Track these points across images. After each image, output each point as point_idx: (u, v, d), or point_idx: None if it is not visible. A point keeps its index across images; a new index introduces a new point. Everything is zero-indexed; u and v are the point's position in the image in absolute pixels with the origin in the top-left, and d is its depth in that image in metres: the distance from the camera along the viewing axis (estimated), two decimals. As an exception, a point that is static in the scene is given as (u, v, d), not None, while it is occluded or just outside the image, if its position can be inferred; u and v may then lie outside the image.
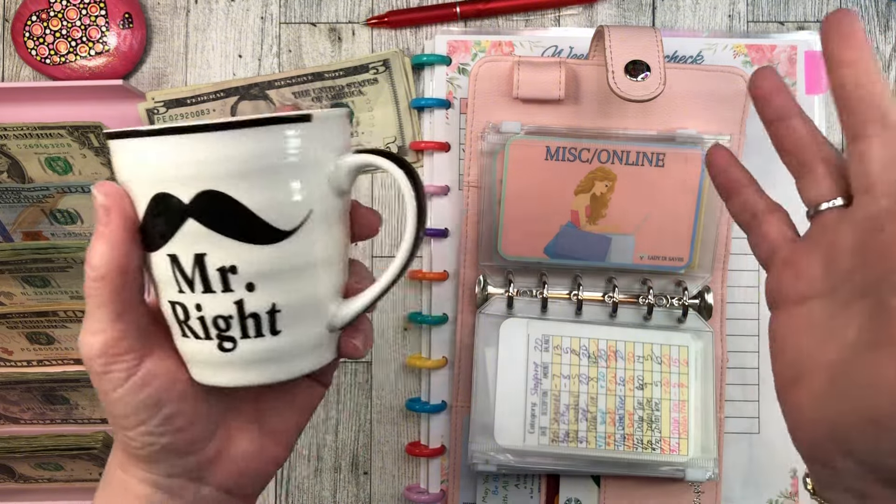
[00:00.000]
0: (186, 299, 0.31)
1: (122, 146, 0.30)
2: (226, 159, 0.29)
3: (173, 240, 0.30)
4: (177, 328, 0.32)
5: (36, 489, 0.59)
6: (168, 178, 0.29)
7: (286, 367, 0.32)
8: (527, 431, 0.55)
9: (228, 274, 0.30)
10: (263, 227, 0.30)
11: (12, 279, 0.57)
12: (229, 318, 0.31)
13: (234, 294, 0.30)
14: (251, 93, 0.60)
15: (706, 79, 0.56)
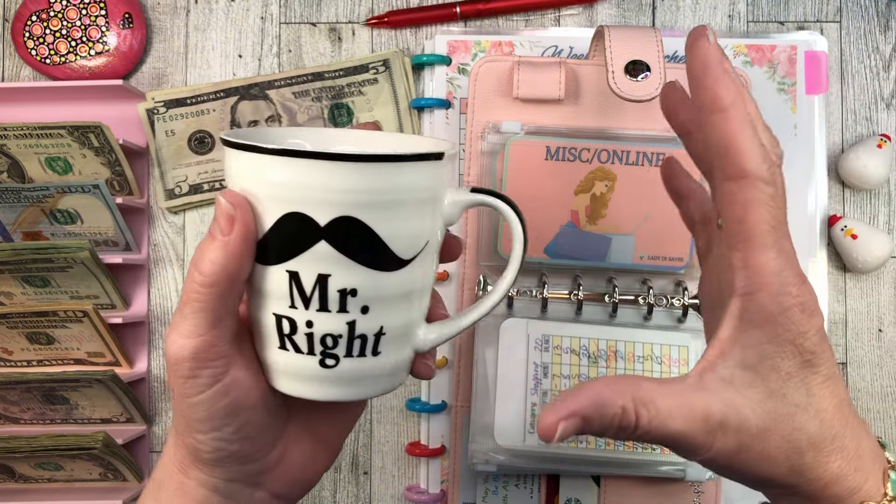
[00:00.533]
0: (297, 315, 0.31)
1: (256, 160, 0.30)
2: (368, 190, 0.30)
3: (299, 258, 0.30)
4: (274, 339, 0.33)
5: (36, 489, 0.59)
6: (307, 199, 0.30)
7: (374, 387, 0.34)
8: (527, 431, 0.55)
9: (348, 296, 0.31)
10: (388, 255, 0.31)
11: (12, 279, 0.57)
12: (338, 337, 0.32)
13: (348, 315, 0.31)
14: (251, 93, 0.60)
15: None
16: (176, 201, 0.60)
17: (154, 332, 0.61)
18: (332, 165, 0.29)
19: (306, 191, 0.30)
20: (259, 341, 0.34)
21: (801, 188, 0.58)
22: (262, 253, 0.31)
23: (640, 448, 0.55)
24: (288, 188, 0.30)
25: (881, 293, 0.59)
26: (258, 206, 0.31)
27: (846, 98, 0.60)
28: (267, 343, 0.33)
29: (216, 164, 0.60)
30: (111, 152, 0.56)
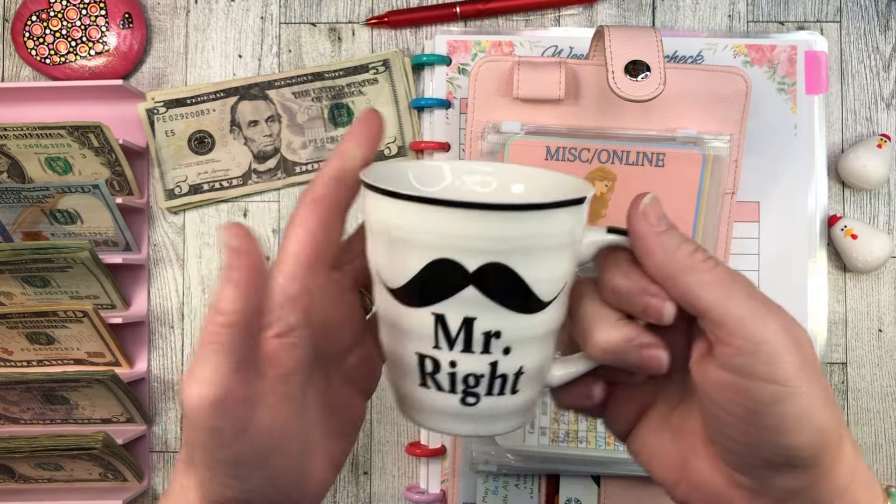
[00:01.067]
0: (441, 355, 0.32)
1: (404, 207, 0.30)
2: (519, 237, 0.30)
3: (446, 301, 0.31)
4: (416, 377, 0.33)
5: (36, 489, 0.59)
6: (457, 247, 0.30)
7: (510, 423, 0.35)
8: (527, 431, 0.55)
9: (492, 338, 0.31)
10: (532, 298, 0.31)
11: (12, 279, 0.57)
12: (480, 377, 0.32)
13: (490, 356, 0.32)
14: (251, 93, 0.60)
15: (706, 79, 0.56)
16: (176, 201, 0.60)
17: (154, 332, 0.61)
18: (485, 215, 0.29)
19: (458, 239, 0.30)
20: (397, 376, 0.34)
21: (801, 188, 0.58)
22: (405, 295, 0.32)
23: (640, 448, 0.55)
24: (439, 236, 0.30)
25: (881, 293, 0.59)
26: (401, 251, 0.31)
27: (846, 98, 0.60)
28: (407, 380, 0.34)
29: (216, 164, 0.60)
30: (111, 152, 0.56)
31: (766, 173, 0.58)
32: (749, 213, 0.58)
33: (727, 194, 0.55)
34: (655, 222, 0.31)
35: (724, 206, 0.55)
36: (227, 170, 0.60)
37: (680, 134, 0.55)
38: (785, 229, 0.58)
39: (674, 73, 0.56)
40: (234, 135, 0.60)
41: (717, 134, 0.56)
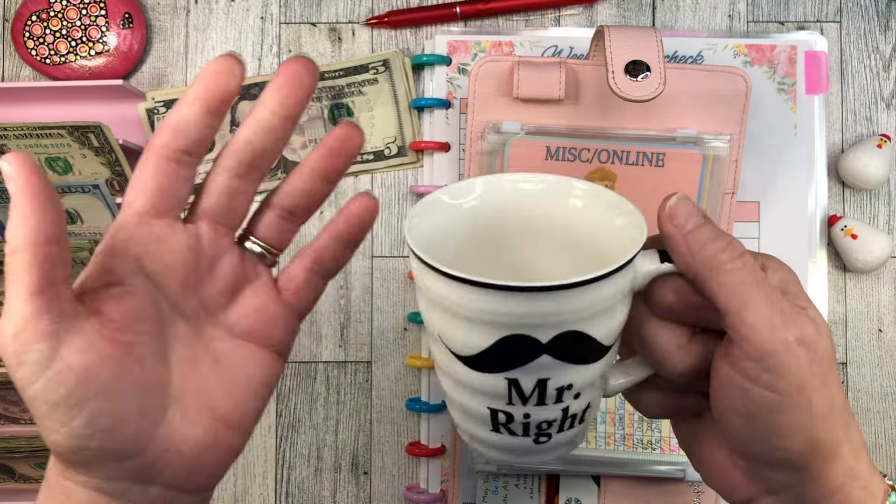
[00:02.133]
0: (515, 410, 0.33)
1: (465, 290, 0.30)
2: (588, 307, 0.30)
3: (520, 369, 0.31)
4: (487, 424, 0.34)
5: (36, 489, 0.59)
6: (529, 324, 0.30)
7: (574, 445, 0.36)
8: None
9: (564, 391, 0.32)
10: (599, 349, 0.32)
11: (12, 279, 0.57)
12: (553, 422, 0.33)
13: (563, 404, 0.33)
14: (251, 93, 0.60)
15: (706, 79, 0.56)
16: (176, 201, 0.60)
17: (154, 332, 0.61)
18: (555, 295, 0.29)
19: (529, 318, 0.30)
20: (466, 420, 0.35)
21: (801, 188, 0.58)
22: (477, 363, 0.32)
23: (640, 448, 0.55)
24: (509, 317, 0.30)
25: (881, 293, 0.59)
26: (469, 327, 0.31)
27: (846, 98, 0.60)
28: (478, 426, 0.34)
29: (216, 164, 0.60)
30: (111, 152, 0.57)
31: (766, 173, 0.58)
32: (749, 213, 0.58)
33: (727, 194, 0.55)
34: (683, 222, 0.31)
35: (724, 206, 0.55)
36: (227, 170, 0.60)
37: (680, 134, 0.55)
38: (785, 229, 0.58)
39: (674, 73, 0.56)
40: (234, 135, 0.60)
41: (717, 134, 0.56)
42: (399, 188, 0.60)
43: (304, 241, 0.37)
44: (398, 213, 0.60)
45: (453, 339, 0.32)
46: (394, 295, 0.60)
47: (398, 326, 0.60)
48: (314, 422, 0.60)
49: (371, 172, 0.61)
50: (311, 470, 0.60)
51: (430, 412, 0.58)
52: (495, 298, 0.29)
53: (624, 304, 0.32)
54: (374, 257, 0.60)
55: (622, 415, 0.55)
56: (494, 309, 0.30)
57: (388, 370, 0.60)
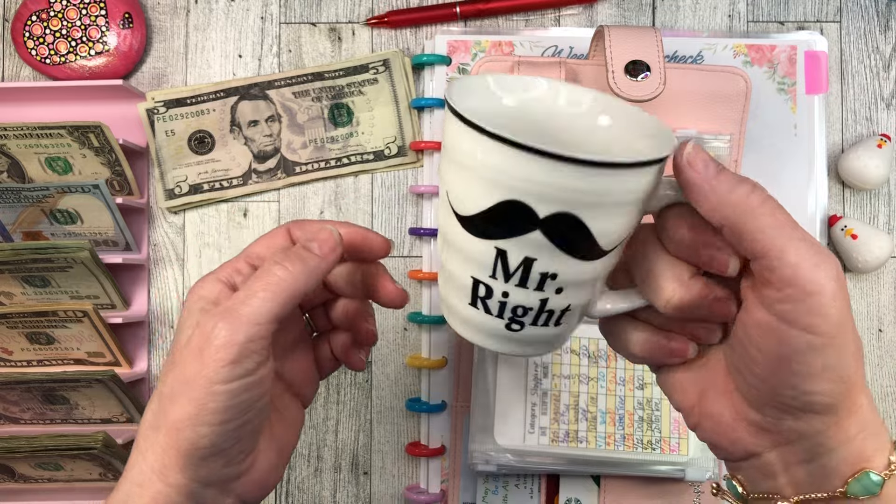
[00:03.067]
0: (496, 285, 0.33)
1: (486, 143, 0.30)
2: (596, 192, 0.30)
3: (511, 240, 0.31)
4: (466, 296, 0.34)
5: (36, 489, 0.59)
6: (532, 192, 0.30)
7: (546, 348, 0.36)
8: (527, 431, 0.55)
9: (548, 278, 0.32)
10: (594, 247, 0.31)
11: (12, 279, 0.57)
12: (528, 310, 0.33)
13: (542, 293, 0.32)
14: (251, 93, 0.60)
15: (706, 79, 0.56)
16: (176, 201, 0.60)
17: (154, 332, 0.61)
18: (569, 167, 0.29)
19: (535, 185, 0.30)
20: (449, 289, 0.35)
21: (801, 188, 0.58)
22: (472, 225, 0.32)
23: (640, 448, 0.55)
24: (516, 179, 0.30)
25: (881, 293, 0.59)
26: (476, 183, 0.31)
27: (846, 98, 0.60)
28: (458, 296, 0.35)
29: (216, 164, 0.60)
30: (111, 152, 0.56)
31: (766, 173, 0.58)
32: (749, 213, 0.58)
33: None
34: (702, 168, 0.31)
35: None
36: (227, 170, 0.60)
37: (680, 134, 0.55)
38: (785, 229, 0.58)
39: (674, 73, 0.56)
40: (234, 135, 0.60)
41: (717, 134, 0.56)
42: (399, 188, 0.60)
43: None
44: (398, 213, 0.60)
45: (459, 196, 0.32)
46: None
47: (398, 326, 0.60)
48: (314, 422, 0.60)
49: (371, 172, 0.61)
50: (311, 470, 0.60)
51: (430, 412, 0.58)
52: (507, 155, 0.29)
53: (631, 212, 0.31)
54: (374, 257, 0.60)
55: (622, 415, 0.55)
56: (504, 167, 0.30)
57: (388, 370, 0.60)
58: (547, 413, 0.55)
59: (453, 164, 0.33)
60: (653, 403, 0.55)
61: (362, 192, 0.61)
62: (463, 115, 0.31)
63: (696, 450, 0.55)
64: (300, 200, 0.61)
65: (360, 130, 0.60)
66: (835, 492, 0.30)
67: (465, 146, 0.31)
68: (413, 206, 0.60)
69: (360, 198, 0.61)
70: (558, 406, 0.55)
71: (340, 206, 0.60)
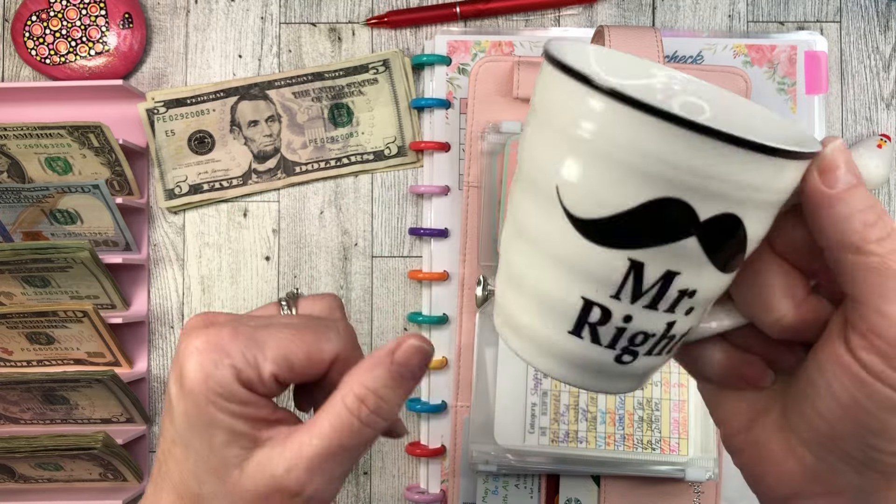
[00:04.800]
0: (617, 307, 0.26)
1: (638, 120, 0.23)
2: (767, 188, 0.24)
3: (654, 249, 0.25)
4: (568, 325, 0.27)
5: (36, 489, 0.59)
6: (694, 186, 0.24)
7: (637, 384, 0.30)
8: (527, 431, 0.55)
9: (685, 297, 0.26)
10: (738, 255, 0.26)
11: (12, 279, 0.57)
12: (650, 337, 0.27)
13: (672, 315, 0.26)
14: (251, 93, 0.60)
15: (706, 79, 0.56)
16: (176, 201, 0.60)
17: (154, 332, 0.61)
18: (739, 152, 0.23)
19: (698, 177, 0.23)
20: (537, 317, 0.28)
21: (801, 188, 0.58)
22: (600, 231, 0.25)
23: (640, 448, 0.55)
24: (682, 170, 0.23)
25: (881, 293, 0.59)
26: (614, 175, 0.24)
27: (846, 98, 0.60)
28: (553, 323, 0.27)
29: (216, 164, 0.60)
30: (111, 152, 0.56)
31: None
32: (749, 213, 0.58)
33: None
34: (832, 181, 0.25)
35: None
36: (227, 170, 0.60)
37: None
38: (785, 229, 0.58)
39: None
40: (234, 135, 0.60)
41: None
42: (399, 188, 0.60)
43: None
44: (398, 213, 0.60)
45: (584, 192, 0.25)
46: (394, 295, 0.60)
47: (398, 326, 0.60)
48: (314, 422, 0.60)
49: (371, 172, 0.61)
50: (311, 470, 0.60)
51: (430, 412, 0.58)
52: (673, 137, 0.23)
53: (775, 214, 0.26)
54: (374, 257, 0.60)
55: (622, 415, 0.55)
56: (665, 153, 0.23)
57: (388, 370, 0.60)
58: (547, 413, 0.55)
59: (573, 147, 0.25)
60: (653, 403, 0.55)
61: (362, 192, 0.61)
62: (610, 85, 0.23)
63: (696, 450, 0.55)
64: (300, 200, 0.61)
65: (360, 130, 0.60)
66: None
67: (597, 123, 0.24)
68: (413, 206, 0.60)
69: (360, 198, 0.61)
70: (558, 406, 0.55)
71: (340, 206, 0.60)
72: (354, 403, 0.30)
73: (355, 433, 0.30)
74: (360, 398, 0.30)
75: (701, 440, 0.55)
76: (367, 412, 0.30)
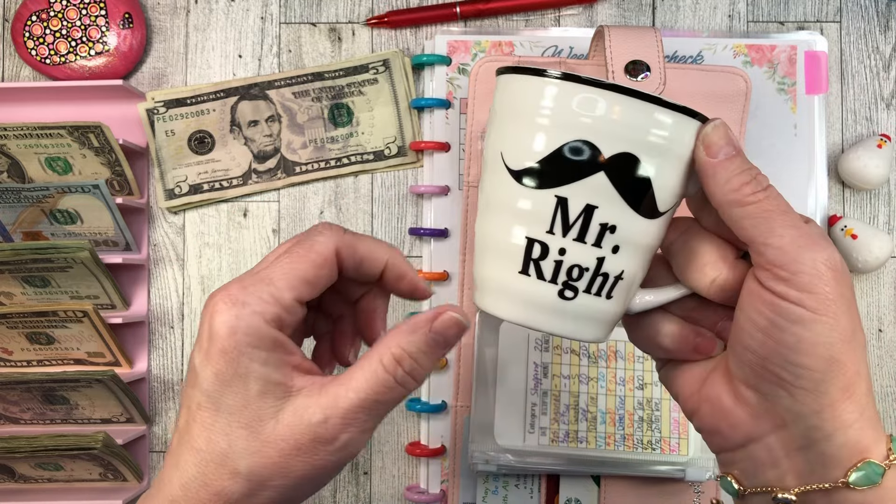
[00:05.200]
0: (553, 241, 0.32)
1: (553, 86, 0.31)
2: (659, 133, 0.31)
3: (573, 185, 0.31)
4: (517, 264, 0.33)
5: (36, 489, 0.59)
6: (600, 130, 0.31)
7: (595, 331, 0.34)
8: (527, 431, 0.55)
9: (606, 231, 0.32)
10: (651, 201, 0.32)
11: (12, 279, 0.57)
12: (584, 270, 0.32)
13: (600, 250, 0.32)
14: (251, 93, 0.60)
15: (706, 79, 0.56)
16: (176, 201, 0.60)
17: (154, 332, 0.61)
18: (631, 101, 0.30)
19: (600, 121, 0.31)
20: (489, 265, 0.34)
21: (801, 188, 0.58)
22: (531, 175, 0.32)
23: (640, 448, 0.55)
24: (582, 116, 0.31)
25: (881, 293, 0.59)
26: (538, 130, 0.32)
27: (846, 98, 0.60)
28: (504, 266, 0.33)
29: (216, 164, 0.60)
30: (111, 152, 0.56)
31: (765, 173, 0.58)
32: (749, 213, 0.58)
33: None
34: (714, 152, 0.32)
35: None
36: (227, 170, 0.60)
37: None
38: (785, 229, 0.58)
39: (674, 72, 0.56)
40: (234, 135, 0.60)
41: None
42: (399, 188, 0.60)
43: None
44: (398, 213, 0.60)
45: (516, 149, 0.32)
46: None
47: (398, 326, 0.60)
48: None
49: (371, 172, 0.61)
50: (311, 470, 0.60)
51: (430, 412, 0.58)
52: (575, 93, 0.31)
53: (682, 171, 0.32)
54: (374, 257, 0.60)
55: (622, 415, 0.55)
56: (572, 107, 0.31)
57: (388, 370, 0.60)
58: (547, 413, 0.55)
59: (509, 121, 0.33)
60: (653, 403, 0.55)
61: (362, 192, 0.61)
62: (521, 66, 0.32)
63: (696, 450, 0.55)
64: (300, 200, 0.61)
65: (360, 130, 0.60)
66: (836, 482, 0.30)
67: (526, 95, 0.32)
68: (413, 206, 0.60)
69: (360, 198, 0.61)
70: (558, 406, 0.55)
71: (340, 206, 0.60)
72: (391, 363, 0.32)
73: (389, 390, 0.32)
74: (397, 359, 0.32)
75: (701, 440, 0.55)
76: (403, 373, 0.32)
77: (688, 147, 0.32)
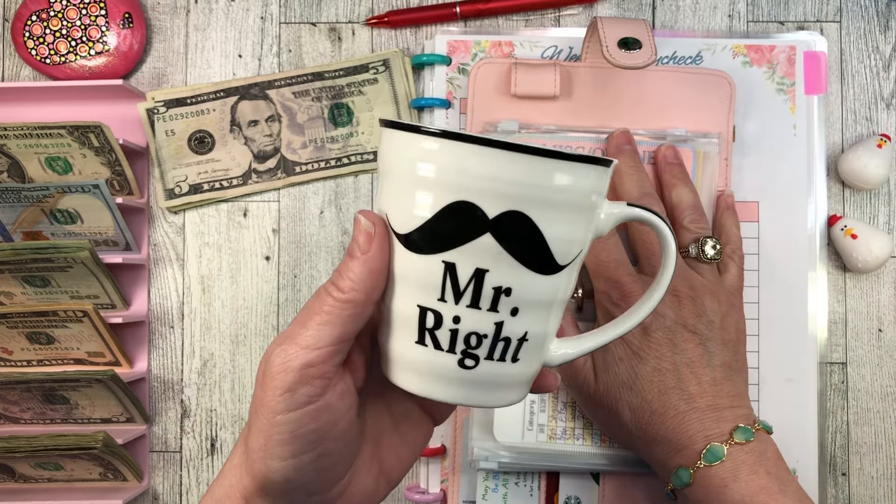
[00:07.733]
0: (445, 309, 0.30)
1: (429, 143, 0.29)
2: (543, 186, 0.29)
3: (459, 249, 0.29)
4: (413, 333, 0.31)
5: (36, 489, 0.59)
6: (480, 189, 0.29)
7: (504, 396, 0.33)
8: (525, 428, 0.55)
9: (501, 295, 0.30)
10: (547, 257, 0.30)
11: (12, 279, 0.57)
12: (483, 337, 0.31)
13: (497, 315, 0.30)
14: (251, 93, 0.60)
15: (693, 81, 0.57)
16: (176, 201, 0.60)
17: (154, 331, 0.61)
18: (511, 156, 0.28)
19: (482, 180, 0.29)
20: (390, 335, 0.32)
21: (800, 188, 0.58)
22: (416, 241, 0.30)
23: (640, 448, 0.55)
24: (463, 175, 0.29)
25: (881, 293, 0.59)
26: (418, 191, 0.30)
27: (846, 98, 0.60)
28: (402, 336, 0.32)
29: (216, 163, 0.60)
30: (111, 152, 0.57)
31: (765, 173, 0.58)
32: (748, 213, 0.58)
33: (719, 191, 0.57)
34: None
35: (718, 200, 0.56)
36: (227, 169, 0.60)
37: (670, 133, 0.56)
38: (784, 229, 0.58)
39: (663, 75, 0.56)
40: (234, 134, 0.60)
41: (704, 133, 0.56)
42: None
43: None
44: (398, 212, 0.60)
45: (399, 212, 0.31)
46: (393, 295, 0.60)
47: (398, 326, 0.60)
48: (314, 422, 0.60)
49: (371, 172, 0.61)
50: (310, 470, 0.60)
51: (429, 412, 0.58)
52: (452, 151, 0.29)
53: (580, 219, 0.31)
54: (374, 257, 0.60)
55: (622, 414, 0.55)
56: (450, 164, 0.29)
57: (387, 370, 0.60)
58: (545, 410, 0.55)
59: (392, 181, 0.31)
60: (652, 403, 0.55)
61: (362, 192, 0.61)
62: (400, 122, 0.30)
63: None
64: (300, 200, 0.61)
65: (360, 130, 0.60)
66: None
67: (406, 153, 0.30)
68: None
69: (359, 198, 0.61)
70: (556, 403, 0.55)
71: (340, 206, 0.60)
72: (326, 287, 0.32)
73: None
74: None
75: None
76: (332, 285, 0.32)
77: (586, 195, 0.30)
